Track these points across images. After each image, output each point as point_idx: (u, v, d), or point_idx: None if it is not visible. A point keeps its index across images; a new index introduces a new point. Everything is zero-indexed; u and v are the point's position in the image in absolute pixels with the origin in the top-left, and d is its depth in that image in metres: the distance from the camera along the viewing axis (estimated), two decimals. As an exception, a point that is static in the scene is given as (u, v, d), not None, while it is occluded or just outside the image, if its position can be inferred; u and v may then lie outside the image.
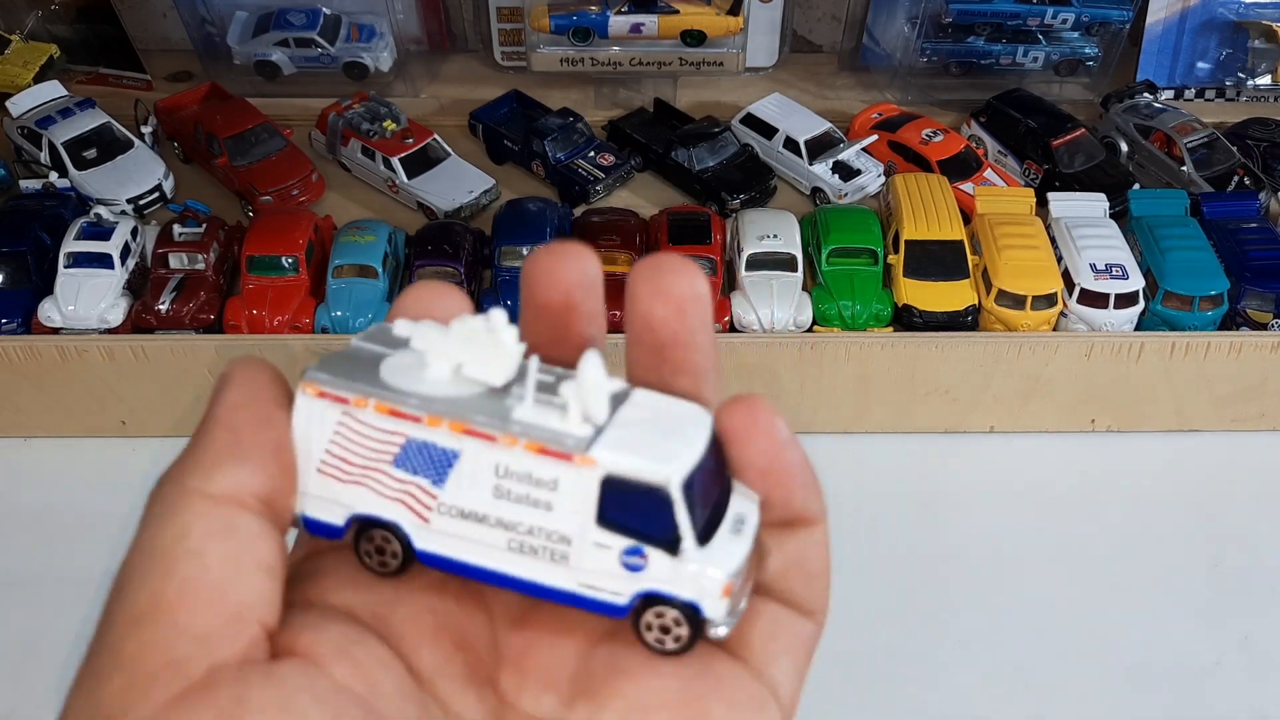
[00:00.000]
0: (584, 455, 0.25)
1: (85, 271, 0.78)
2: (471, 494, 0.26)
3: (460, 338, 0.26)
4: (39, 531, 0.75)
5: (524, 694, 0.27)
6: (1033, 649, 0.69)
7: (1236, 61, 1.04)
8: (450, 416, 0.26)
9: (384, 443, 0.26)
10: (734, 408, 0.27)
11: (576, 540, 0.26)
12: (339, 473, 0.26)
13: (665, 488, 0.25)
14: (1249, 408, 0.81)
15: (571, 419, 0.26)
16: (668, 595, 0.26)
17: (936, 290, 0.80)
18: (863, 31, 1.05)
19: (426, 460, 0.26)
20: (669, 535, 0.25)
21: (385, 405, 0.26)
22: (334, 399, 0.26)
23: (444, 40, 1.07)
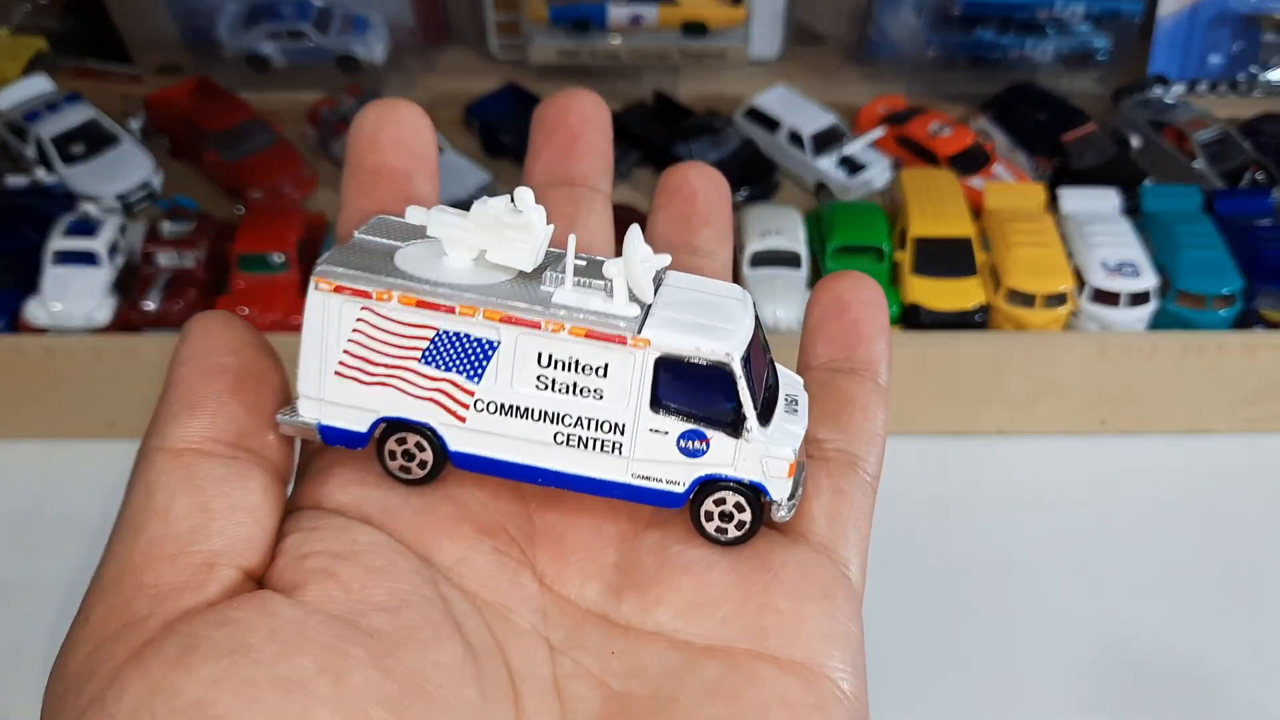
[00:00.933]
0: (637, 336, 0.23)
1: (72, 269, 0.77)
2: (513, 387, 0.24)
3: (483, 221, 0.24)
4: (26, 534, 0.74)
5: (565, 581, 0.25)
6: (1041, 654, 0.68)
7: (1249, 55, 1.03)
8: (485, 304, 0.24)
9: (411, 338, 0.24)
10: (851, 271, 0.29)
11: (630, 428, 0.24)
12: (361, 374, 0.24)
13: (728, 364, 0.24)
14: (1264, 408, 0.79)
15: (618, 299, 0.24)
16: (730, 479, 0.24)
17: (945, 288, 0.79)
18: (869, 23, 1.03)
19: (460, 354, 0.24)
20: (731, 415, 0.24)
21: (411, 296, 0.24)
22: (353, 293, 0.24)
23: (439, 32, 1.05)
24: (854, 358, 0.28)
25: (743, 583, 0.25)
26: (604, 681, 0.24)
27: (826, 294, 0.29)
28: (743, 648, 0.24)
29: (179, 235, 0.80)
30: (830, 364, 0.28)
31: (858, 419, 0.27)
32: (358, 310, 0.24)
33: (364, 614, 0.23)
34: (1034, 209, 0.85)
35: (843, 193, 0.91)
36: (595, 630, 0.25)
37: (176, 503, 0.23)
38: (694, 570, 0.25)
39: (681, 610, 0.24)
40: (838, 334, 0.28)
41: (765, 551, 0.25)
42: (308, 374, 0.25)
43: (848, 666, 0.24)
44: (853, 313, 0.28)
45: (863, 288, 0.29)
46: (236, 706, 0.20)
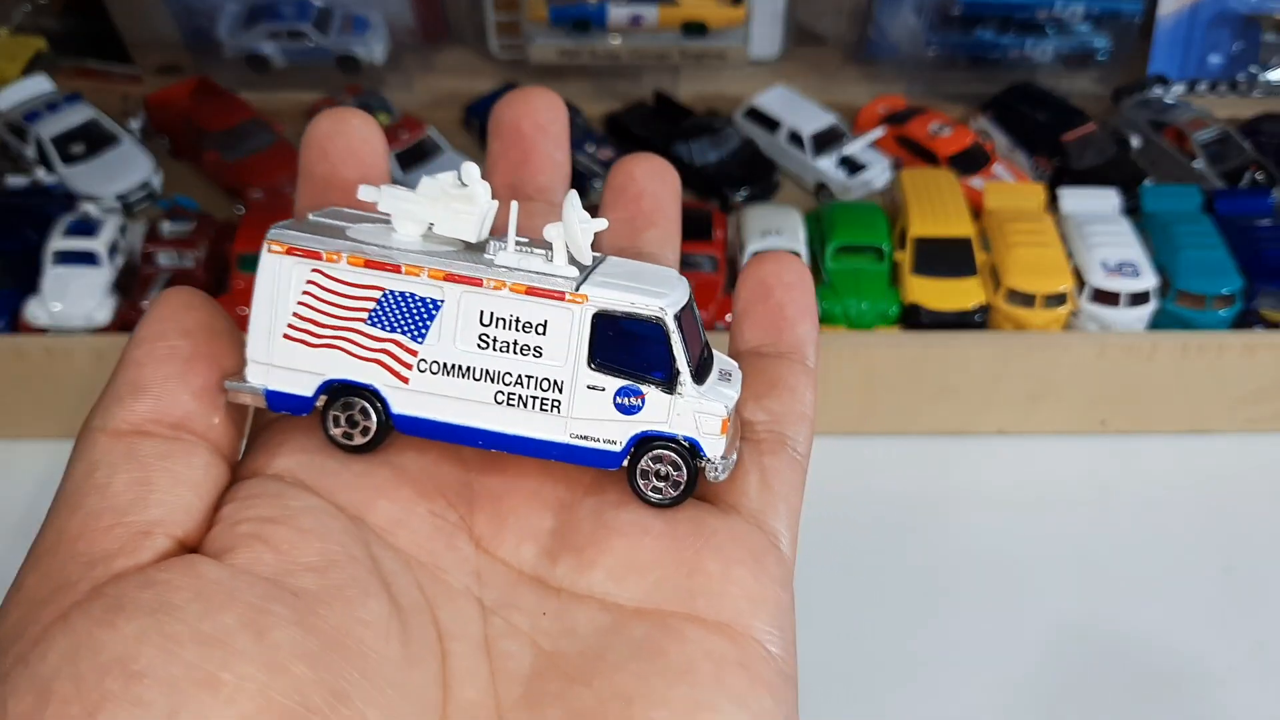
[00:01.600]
0: (575, 293, 0.24)
1: (72, 269, 0.77)
2: (455, 346, 0.25)
3: (429, 196, 0.25)
4: (26, 534, 0.73)
5: (502, 543, 0.26)
6: (1041, 655, 0.68)
7: (1249, 55, 1.03)
8: (430, 264, 0.24)
9: (358, 299, 0.25)
10: (773, 251, 0.30)
11: (568, 386, 0.25)
12: (308, 336, 0.25)
13: (662, 318, 0.24)
14: (1263, 408, 0.79)
15: (557, 260, 0.25)
16: (665, 434, 0.25)
17: (945, 288, 0.79)
18: (869, 23, 1.03)
19: (405, 314, 0.24)
20: (665, 370, 0.25)
21: (359, 257, 0.24)
22: (303, 254, 0.25)
23: (439, 32, 1.05)
24: (780, 341, 0.29)
25: (676, 546, 0.25)
26: (534, 640, 0.24)
27: (751, 278, 0.29)
28: (671, 610, 0.25)
29: (179, 235, 0.80)
30: (758, 348, 0.29)
31: (785, 400, 0.28)
32: (308, 272, 0.25)
33: (291, 574, 0.23)
34: (1034, 209, 0.85)
35: (843, 193, 0.91)
36: (529, 591, 0.25)
37: (117, 478, 0.24)
38: (629, 534, 0.25)
39: (614, 573, 0.25)
40: (763, 318, 0.29)
41: (698, 518, 0.26)
42: (256, 338, 0.25)
43: (775, 629, 0.25)
44: (777, 296, 0.29)
45: (786, 270, 0.29)
46: (158, 660, 0.21)
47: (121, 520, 0.23)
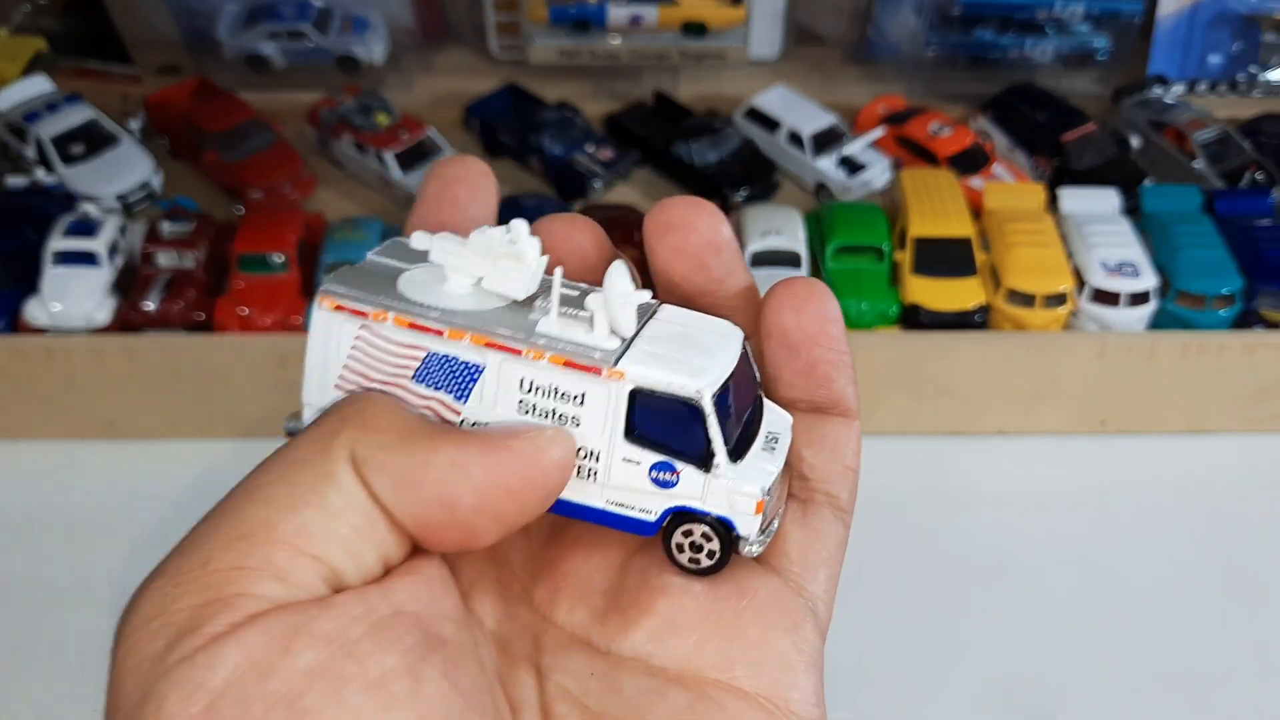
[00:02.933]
0: (612, 368, 0.24)
1: (72, 270, 0.77)
2: (496, 409, 0.25)
3: (480, 250, 0.25)
4: (26, 534, 0.74)
5: (558, 606, 0.26)
6: (1041, 655, 0.68)
7: (1249, 55, 1.03)
8: (473, 329, 0.25)
9: (404, 357, 0.25)
10: (790, 283, 0.27)
11: (604, 456, 0.25)
12: (357, 389, 0.25)
13: (697, 401, 0.24)
14: (1264, 409, 0.79)
15: (598, 332, 0.25)
16: (698, 511, 0.25)
17: (945, 288, 0.79)
18: (869, 23, 1.03)
19: (449, 375, 0.25)
20: (700, 450, 0.25)
21: (405, 318, 0.25)
22: (352, 312, 0.25)
23: (439, 32, 1.05)
24: (816, 399, 0.27)
25: (717, 607, 0.25)
26: (583, 703, 0.25)
27: (774, 330, 0.27)
28: (711, 677, 0.25)
29: (179, 235, 0.80)
30: (794, 402, 0.28)
31: (828, 455, 0.27)
32: (356, 328, 0.25)
33: (436, 619, 0.23)
34: (1034, 209, 0.85)
35: (843, 193, 0.91)
36: (579, 653, 0.25)
37: (345, 517, 0.22)
38: (671, 593, 0.26)
39: (655, 634, 0.25)
40: (793, 379, 0.27)
41: (740, 577, 0.26)
42: (311, 384, 0.26)
43: (811, 703, 0.25)
44: (803, 356, 0.27)
45: (807, 319, 0.27)
46: (325, 702, 0.20)
47: (328, 560, 0.22)
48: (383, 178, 0.90)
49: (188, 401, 0.76)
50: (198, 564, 0.21)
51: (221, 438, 0.78)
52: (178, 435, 0.78)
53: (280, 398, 0.76)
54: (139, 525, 0.74)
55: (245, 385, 0.75)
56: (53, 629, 0.68)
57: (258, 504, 0.22)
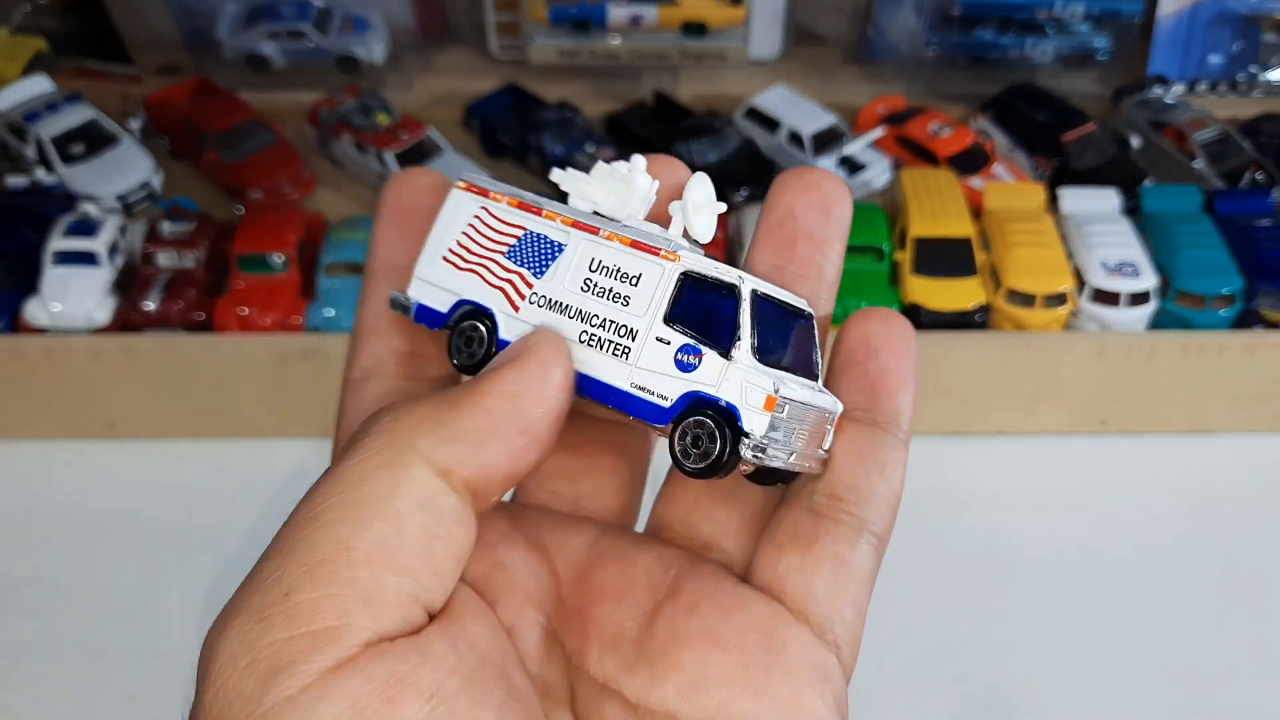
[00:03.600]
0: (669, 251, 0.26)
1: (72, 270, 0.77)
2: (563, 285, 0.27)
3: (599, 178, 0.28)
4: (26, 534, 0.74)
5: (588, 654, 0.26)
6: (1041, 655, 0.68)
7: (1249, 55, 1.03)
8: (564, 212, 0.28)
9: (505, 234, 0.28)
10: (880, 308, 0.28)
11: (641, 335, 0.26)
12: (459, 260, 0.28)
13: (736, 286, 0.26)
14: (1264, 408, 0.79)
15: (672, 231, 0.27)
16: (709, 396, 0.25)
17: (945, 288, 0.79)
18: (869, 23, 1.03)
19: (535, 252, 0.28)
20: (727, 337, 0.26)
21: (516, 200, 0.28)
22: (478, 192, 0.29)
23: (439, 32, 1.05)
24: (875, 409, 0.27)
25: (744, 661, 0.25)
26: None
27: (855, 336, 0.28)
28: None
29: (179, 235, 0.80)
30: (849, 413, 0.27)
31: (873, 478, 0.27)
32: (477, 208, 0.29)
33: (510, 667, 0.23)
34: (1034, 209, 0.85)
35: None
36: (612, 703, 0.25)
37: (414, 520, 0.22)
38: (697, 645, 0.25)
39: (683, 689, 0.25)
40: (861, 381, 0.27)
41: (767, 627, 0.26)
42: (425, 258, 0.29)
43: None
44: (881, 360, 0.27)
45: (893, 332, 0.28)
46: None
47: (404, 572, 0.22)
48: (383, 177, 0.90)
49: (188, 401, 0.76)
50: (279, 596, 0.21)
51: (221, 438, 0.78)
52: (178, 435, 0.78)
53: (281, 397, 0.76)
54: (139, 525, 0.74)
55: (245, 385, 0.75)
56: (53, 629, 0.68)
57: (327, 526, 0.22)
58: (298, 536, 0.22)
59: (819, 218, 0.28)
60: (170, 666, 0.66)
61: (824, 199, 0.28)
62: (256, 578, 0.22)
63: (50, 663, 0.66)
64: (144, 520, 0.74)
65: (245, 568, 0.23)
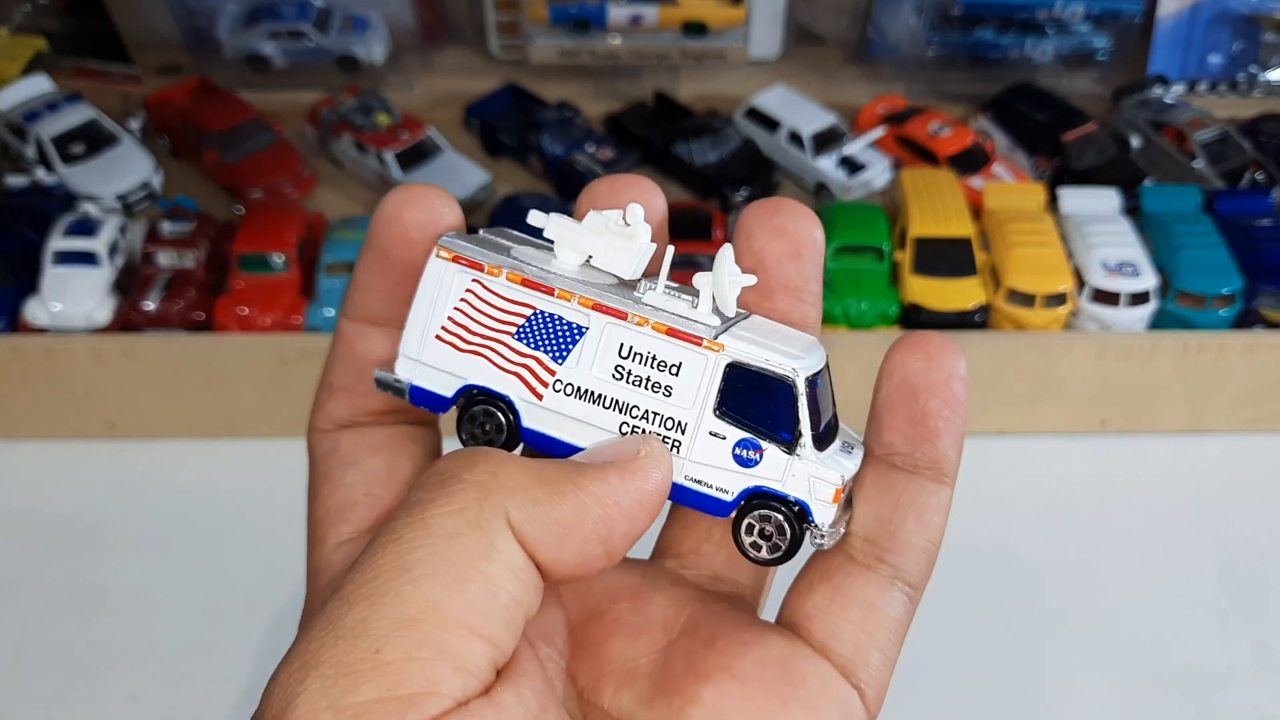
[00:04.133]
0: (713, 340, 0.25)
1: (72, 269, 0.77)
2: (591, 372, 0.26)
3: (593, 229, 0.26)
4: (26, 534, 0.73)
5: (603, 691, 0.26)
6: (1041, 655, 0.68)
7: (1249, 55, 1.03)
8: (582, 291, 0.26)
9: (510, 313, 0.26)
10: (926, 334, 0.26)
11: (691, 428, 0.25)
12: (458, 340, 0.26)
13: (792, 380, 0.25)
14: (1264, 409, 0.79)
15: (702, 308, 0.26)
16: (777, 492, 0.25)
17: (945, 288, 0.79)
18: (869, 23, 1.03)
19: (551, 334, 0.26)
20: (788, 431, 0.25)
21: (518, 275, 0.26)
22: (467, 264, 0.26)
23: (439, 31, 1.05)
24: (917, 453, 0.26)
25: (763, 695, 0.25)
26: None
27: (897, 373, 0.26)
28: None
29: (179, 235, 0.80)
30: (891, 456, 0.26)
31: (910, 528, 0.26)
32: (468, 281, 0.26)
33: (555, 706, 0.23)
34: (1034, 209, 0.85)
35: (843, 193, 0.91)
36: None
37: (507, 586, 0.22)
38: (716, 680, 0.25)
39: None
40: (903, 424, 0.26)
41: (788, 661, 0.25)
42: (411, 336, 0.27)
43: None
44: (922, 401, 0.25)
45: (934, 368, 0.25)
46: None
47: (492, 636, 0.21)
48: (383, 177, 0.90)
49: (188, 401, 0.76)
50: (367, 651, 0.20)
51: (221, 438, 0.78)
52: (178, 435, 0.78)
53: (281, 397, 0.76)
54: (139, 525, 0.74)
55: (245, 385, 0.75)
56: (53, 629, 0.68)
57: (418, 582, 0.21)
58: (386, 585, 0.21)
59: (792, 265, 0.27)
60: (170, 666, 0.66)
61: (794, 244, 0.27)
62: (338, 624, 0.21)
63: (50, 663, 0.66)
64: (144, 520, 0.74)
65: (246, 567, 0.22)
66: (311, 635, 0.21)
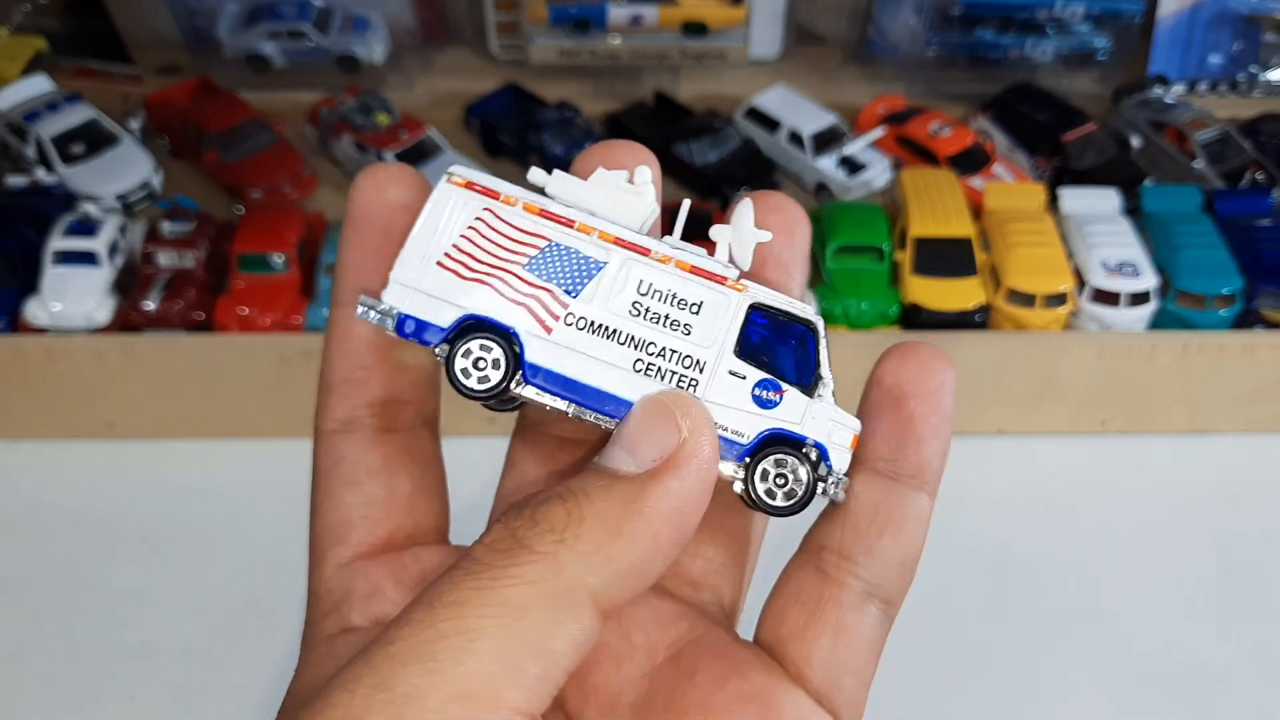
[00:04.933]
0: (736, 281, 0.25)
1: (72, 269, 0.77)
2: (608, 307, 0.25)
3: (598, 184, 0.26)
4: (26, 534, 0.73)
5: (587, 717, 0.26)
6: (1041, 654, 0.68)
7: (1249, 55, 1.03)
8: (602, 226, 0.25)
9: (523, 244, 0.25)
10: (919, 345, 0.26)
11: (709, 367, 0.24)
12: (462, 269, 0.25)
13: (815, 324, 0.25)
14: (1263, 409, 0.79)
15: (718, 257, 0.25)
16: (796, 435, 0.24)
17: (945, 288, 0.79)
18: (869, 23, 1.03)
19: (566, 267, 0.25)
20: (809, 374, 0.25)
21: (535, 206, 0.25)
22: (481, 191, 0.25)
23: (439, 31, 1.05)
24: (901, 460, 0.26)
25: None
26: None
27: (888, 378, 0.26)
28: None
29: (179, 235, 0.80)
30: (874, 463, 0.26)
31: (885, 541, 0.26)
32: (479, 209, 0.25)
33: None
34: (1034, 209, 0.85)
35: (843, 193, 0.91)
36: None
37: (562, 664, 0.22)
38: (695, 715, 0.25)
39: None
40: (889, 430, 0.26)
41: (764, 695, 0.25)
42: (407, 262, 0.25)
43: None
44: (910, 407, 0.25)
45: (930, 375, 0.25)
46: None
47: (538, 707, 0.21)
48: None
49: (188, 401, 0.76)
50: (428, 713, 0.20)
51: (221, 438, 0.78)
52: (178, 435, 0.78)
53: (281, 397, 0.76)
54: (139, 525, 0.74)
55: (245, 385, 0.75)
56: (53, 629, 0.68)
57: (479, 657, 0.20)
58: (445, 652, 0.21)
59: (783, 240, 0.27)
60: (170, 666, 0.66)
61: (787, 221, 0.27)
62: (391, 686, 0.20)
63: (50, 663, 0.66)
64: (144, 520, 0.74)
65: (246, 567, 0.22)
66: (357, 689, 0.20)
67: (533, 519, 0.23)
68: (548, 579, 0.22)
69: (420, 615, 0.21)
